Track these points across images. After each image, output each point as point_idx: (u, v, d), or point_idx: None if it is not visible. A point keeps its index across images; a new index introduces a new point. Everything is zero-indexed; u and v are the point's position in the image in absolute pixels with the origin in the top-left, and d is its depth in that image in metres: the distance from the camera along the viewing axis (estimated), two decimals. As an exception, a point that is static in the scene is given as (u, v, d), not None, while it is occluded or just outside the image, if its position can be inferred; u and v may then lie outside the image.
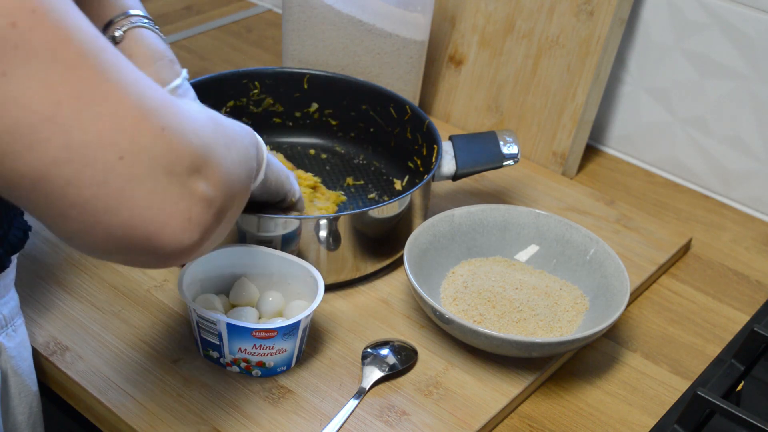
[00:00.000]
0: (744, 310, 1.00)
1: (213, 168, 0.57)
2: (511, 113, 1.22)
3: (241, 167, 0.65)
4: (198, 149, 0.55)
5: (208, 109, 0.64)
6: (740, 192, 1.17)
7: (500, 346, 0.84)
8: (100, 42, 0.52)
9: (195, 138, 0.56)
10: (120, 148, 0.51)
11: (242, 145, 0.67)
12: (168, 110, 0.54)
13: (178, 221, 0.54)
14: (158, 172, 0.52)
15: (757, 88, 1.10)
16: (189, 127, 0.56)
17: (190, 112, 0.58)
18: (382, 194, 1.09)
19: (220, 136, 0.61)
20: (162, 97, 0.55)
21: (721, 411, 0.78)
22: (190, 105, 0.61)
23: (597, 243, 0.95)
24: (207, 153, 0.56)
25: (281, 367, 0.85)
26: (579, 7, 1.13)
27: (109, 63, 0.52)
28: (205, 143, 0.57)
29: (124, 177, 0.51)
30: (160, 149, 0.52)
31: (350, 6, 1.16)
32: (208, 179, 0.56)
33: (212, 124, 0.61)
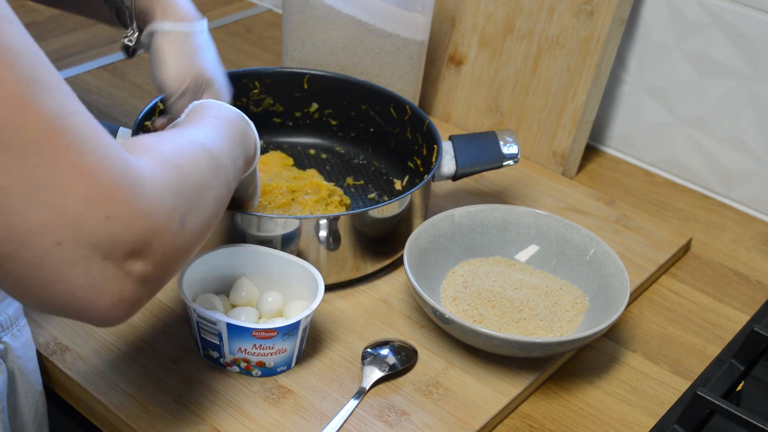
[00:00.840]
0: (744, 310, 1.00)
1: (158, 248, 0.57)
2: (511, 113, 1.22)
3: (209, 215, 0.65)
4: (143, 234, 0.56)
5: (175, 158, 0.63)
6: (740, 192, 1.17)
7: (500, 346, 0.84)
8: (64, 121, 0.52)
9: (143, 223, 0.55)
10: (59, 234, 0.52)
11: (211, 192, 0.66)
12: (120, 195, 0.54)
13: (107, 301, 0.55)
14: (94, 257, 0.53)
15: (757, 88, 1.11)
16: (141, 209, 0.55)
17: (148, 186, 0.57)
18: (382, 194, 1.09)
19: (180, 205, 0.60)
20: (121, 176, 0.54)
21: (721, 411, 0.78)
22: (154, 166, 0.59)
23: (597, 243, 0.95)
24: (153, 236, 0.56)
25: (281, 367, 0.85)
26: (579, 7, 1.13)
27: (68, 145, 0.52)
28: (154, 226, 0.56)
29: (59, 261, 0.52)
30: (101, 237, 0.53)
31: (350, 6, 1.16)
32: (149, 261, 0.57)
33: (170, 192, 0.59)
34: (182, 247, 0.60)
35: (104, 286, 0.55)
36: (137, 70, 1.32)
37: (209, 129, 0.73)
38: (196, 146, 0.67)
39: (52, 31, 1.43)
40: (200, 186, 0.64)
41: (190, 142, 0.67)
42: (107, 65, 1.33)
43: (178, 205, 0.60)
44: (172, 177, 0.60)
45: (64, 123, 0.52)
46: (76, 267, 0.53)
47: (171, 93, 0.88)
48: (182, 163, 0.63)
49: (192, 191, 0.63)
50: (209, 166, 0.67)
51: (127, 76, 1.30)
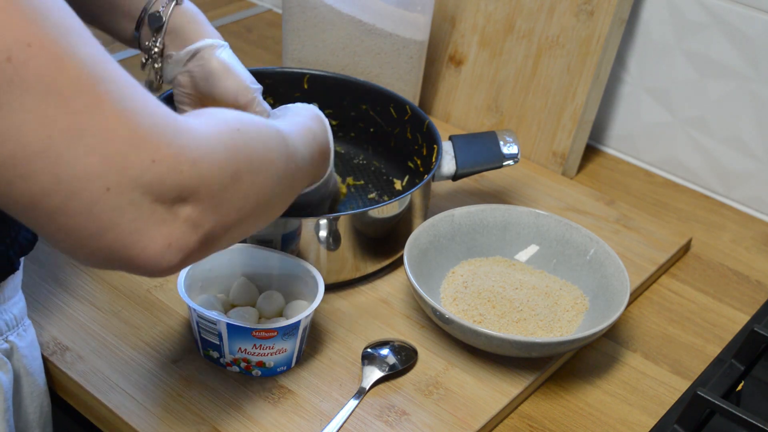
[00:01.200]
0: (744, 310, 1.00)
1: (205, 196, 0.57)
2: (511, 113, 1.22)
3: (268, 186, 0.64)
4: (189, 179, 0.56)
5: (237, 123, 0.63)
6: (740, 192, 1.17)
7: (500, 346, 0.84)
8: (102, 68, 0.52)
9: (189, 168, 0.55)
10: (107, 180, 0.52)
11: (274, 166, 0.65)
12: (165, 138, 0.54)
13: (157, 246, 0.55)
14: (143, 201, 0.53)
15: (757, 88, 1.11)
16: (187, 155, 0.55)
17: (196, 136, 0.57)
18: (382, 194, 1.09)
19: (234, 160, 0.60)
20: (162, 123, 0.55)
21: (721, 411, 0.78)
22: (206, 122, 0.60)
23: (597, 243, 0.95)
24: (200, 183, 0.56)
25: (281, 367, 0.85)
26: (579, 7, 1.13)
27: (107, 91, 0.52)
28: (201, 173, 0.56)
29: (109, 207, 0.52)
30: (148, 180, 0.53)
31: (350, 6, 1.16)
32: (196, 206, 0.57)
33: (225, 147, 0.59)
34: (233, 201, 0.60)
35: (154, 230, 0.55)
36: (137, 70, 1.32)
37: (290, 121, 0.74)
38: (267, 125, 0.67)
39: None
40: (263, 157, 0.63)
41: (263, 121, 0.67)
42: (107, 65, 1.33)
43: (232, 161, 0.59)
44: (228, 135, 0.60)
45: (102, 69, 0.52)
46: (125, 212, 0.53)
47: (248, 101, 0.87)
48: (244, 128, 0.62)
49: (252, 156, 0.62)
50: (278, 146, 0.66)
51: (127, 76, 1.30)
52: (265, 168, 0.64)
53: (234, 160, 0.60)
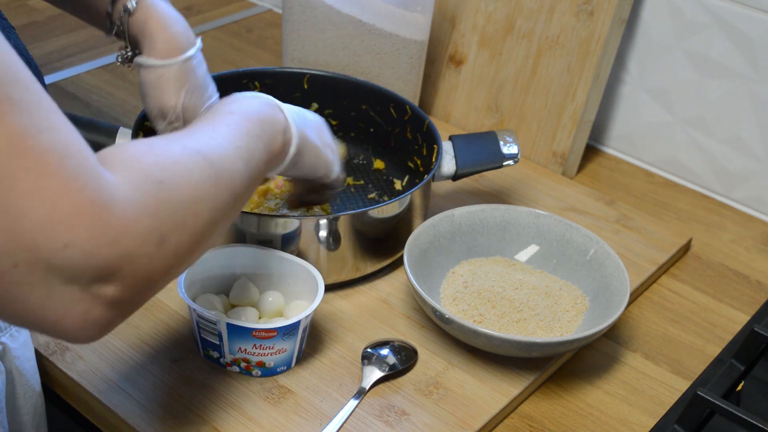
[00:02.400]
0: (744, 310, 1.00)
1: (128, 273, 0.54)
2: (511, 113, 1.22)
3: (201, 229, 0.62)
4: (108, 261, 0.53)
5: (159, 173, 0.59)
6: (740, 192, 1.17)
7: (500, 346, 0.84)
8: (30, 137, 0.50)
9: (109, 249, 0.52)
10: (14, 257, 0.50)
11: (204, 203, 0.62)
12: (85, 218, 0.51)
13: (72, 323, 0.53)
14: (54, 281, 0.51)
15: (757, 88, 1.11)
16: (106, 235, 0.52)
17: (117, 208, 0.53)
18: (382, 194, 1.09)
19: (158, 224, 0.57)
20: (87, 198, 0.51)
21: (721, 411, 0.78)
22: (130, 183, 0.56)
23: (597, 243, 0.95)
24: (122, 262, 0.54)
25: (281, 367, 0.85)
26: (579, 7, 1.13)
27: (27, 164, 0.50)
28: (124, 251, 0.53)
29: (17, 282, 0.50)
30: (59, 264, 0.51)
31: (350, 6, 1.16)
32: (117, 284, 0.54)
33: (148, 211, 0.56)
34: (161, 268, 0.57)
35: (68, 308, 0.52)
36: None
37: (217, 129, 0.70)
38: (190, 155, 0.63)
39: (53, 32, 1.43)
40: (190, 200, 0.60)
41: (184, 150, 0.63)
42: (107, 65, 1.33)
43: (156, 225, 0.56)
44: (150, 195, 0.57)
45: (29, 142, 0.50)
46: (34, 289, 0.51)
47: (156, 125, 0.89)
48: (167, 178, 0.59)
49: (178, 207, 0.59)
50: (204, 176, 0.63)
51: (127, 76, 1.30)
52: (193, 212, 0.61)
53: (158, 224, 0.57)
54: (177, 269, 0.60)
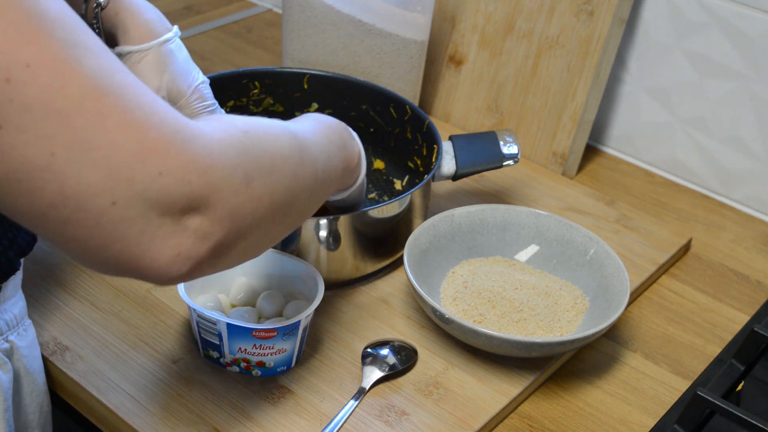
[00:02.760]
0: (744, 310, 1.00)
1: (217, 204, 0.56)
2: (511, 113, 1.22)
3: (284, 186, 0.63)
4: (199, 189, 0.55)
5: (244, 125, 0.61)
6: (740, 192, 1.17)
7: (500, 346, 0.84)
8: (107, 81, 0.52)
9: (198, 178, 0.54)
10: (113, 194, 0.51)
11: (286, 165, 0.64)
12: (173, 149, 0.53)
13: (166, 257, 0.55)
14: (150, 213, 0.53)
15: (757, 88, 1.11)
16: (196, 164, 0.54)
17: (206, 143, 0.56)
18: (382, 194, 1.09)
19: (244, 163, 0.59)
20: (171, 132, 0.54)
21: (721, 411, 0.78)
22: (215, 127, 0.58)
23: (597, 243, 0.95)
24: (210, 191, 0.55)
25: (281, 367, 0.85)
26: (579, 7, 1.13)
27: (112, 104, 0.52)
28: (211, 181, 0.55)
29: (116, 220, 0.52)
30: (155, 193, 0.52)
31: (350, 6, 1.16)
32: (207, 215, 0.56)
33: (235, 151, 0.58)
34: (246, 206, 0.59)
35: (162, 242, 0.54)
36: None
37: (303, 123, 0.73)
38: (277, 125, 0.66)
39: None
40: (273, 155, 0.62)
41: (273, 121, 0.66)
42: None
43: (242, 164, 0.58)
44: (235, 137, 0.59)
45: (108, 82, 0.52)
46: (132, 225, 0.53)
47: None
48: (252, 130, 0.61)
49: (263, 156, 0.61)
50: (290, 145, 0.65)
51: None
52: (278, 168, 0.63)
53: (244, 163, 0.59)
54: (260, 223, 0.61)
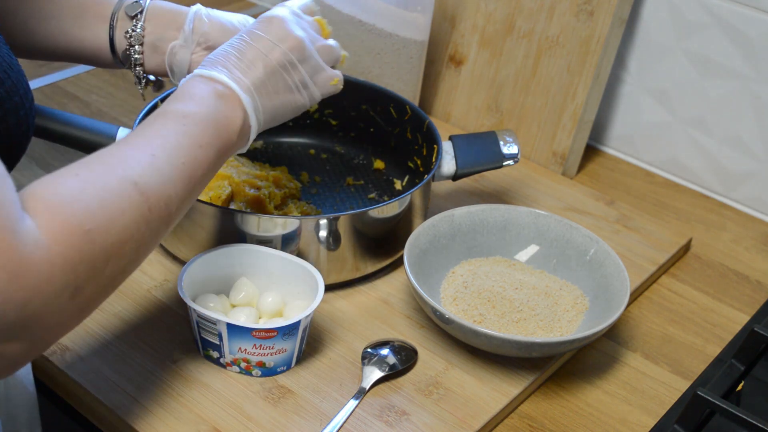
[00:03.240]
0: (744, 310, 1.00)
1: (36, 330, 0.55)
2: (511, 113, 1.22)
3: (121, 270, 0.62)
4: (15, 322, 0.53)
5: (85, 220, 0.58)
6: (740, 192, 1.17)
7: (500, 346, 0.84)
8: None
9: (17, 312, 0.52)
10: None
11: (132, 241, 0.61)
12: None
13: None
14: None
15: (757, 88, 1.10)
16: (14, 299, 0.52)
17: (29, 268, 0.53)
18: (382, 194, 1.09)
19: (74, 278, 0.56)
20: (4, 254, 0.51)
21: (721, 411, 0.78)
22: (53, 235, 0.55)
23: (597, 243, 0.95)
24: (29, 322, 0.54)
25: (281, 367, 0.85)
26: (579, 7, 1.13)
27: None
28: (30, 312, 0.53)
29: None
30: None
31: (350, 6, 1.16)
32: (24, 341, 0.54)
33: (65, 267, 0.55)
34: (71, 315, 0.58)
35: None
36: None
37: (164, 144, 0.68)
38: (123, 189, 0.62)
39: (52, 31, 1.43)
40: (117, 243, 0.60)
41: (120, 182, 0.62)
42: (107, 65, 1.33)
43: (73, 279, 0.56)
44: (73, 247, 0.56)
45: None
46: None
47: None
48: (95, 226, 0.58)
49: (101, 254, 0.59)
50: (137, 213, 0.62)
51: (127, 76, 1.30)
52: (118, 254, 0.60)
53: (75, 277, 0.56)
54: (88, 314, 0.60)
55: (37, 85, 1.26)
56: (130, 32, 0.86)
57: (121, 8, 0.87)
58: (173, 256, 0.98)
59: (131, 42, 0.86)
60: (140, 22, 0.86)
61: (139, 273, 0.95)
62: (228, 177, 1.00)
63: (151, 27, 0.87)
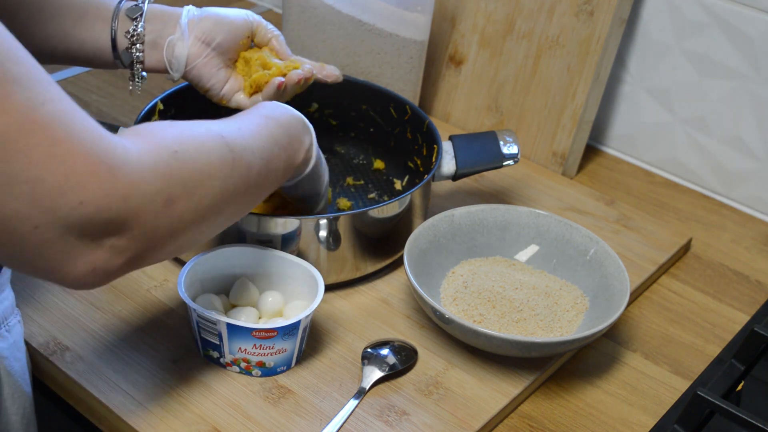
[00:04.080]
0: (744, 310, 1.00)
1: (134, 227, 0.59)
2: (511, 113, 1.22)
3: (209, 203, 0.66)
4: (118, 215, 0.58)
5: (174, 143, 0.64)
6: (740, 192, 1.17)
7: (500, 346, 0.84)
8: (37, 114, 0.54)
9: (119, 205, 0.58)
10: (35, 220, 0.55)
11: (215, 179, 0.67)
12: (95, 178, 0.56)
13: (81, 271, 0.59)
14: (69, 236, 0.57)
15: (757, 88, 1.11)
16: (117, 192, 0.57)
17: (129, 169, 0.58)
18: (382, 194, 1.09)
19: (167, 187, 0.62)
20: (95, 157, 0.56)
21: (721, 411, 0.78)
22: (143, 149, 0.61)
23: (597, 243, 0.95)
24: (129, 216, 0.59)
25: (281, 367, 0.85)
26: (579, 7, 1.13)
27: (37, 136, 0.54)
28: (131, 207, 0.59)
29: (38, 242, 0.56)
30: (75, 219, 0.56)
31: (350, 6, 1.16)
32: (123, 236, 0.59)
33: (159, 174, 0.61)
34: (165, 227, 0.62)
35: (78, 259, 0.58)
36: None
37: (246, 125, 0.74)
38: (210, 136, 0.68)
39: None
40: (202, 173, 0.65)
41: (207, 131, 0.68)
42: (107, 65, 1.33)
43: (165, 187, 0.61)
44: (162, 160, 0.62)
45: (36, 115, 0.54)
46: (52, 246, 0.56)
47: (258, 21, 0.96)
48: (182, 149, 0.64)
49: (189, 176, 0.64)
50: (221, 157, 0.68)
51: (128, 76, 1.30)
52: (205, 184, 0.66)
53: (168, 186, 0.62)
54: (181, 235, 0.64)
55: (37, 85, 1.26)
56: (132, 32, 0.90)
57: (121, 11, 0.91)
58: (173, 256, 0.98)
59: (133, 41, 0.91)
60: (141, 22, 0.90)
61: (139, 273, 0.95)
62: None
63: (150, 26, 0.91)
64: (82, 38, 0.91)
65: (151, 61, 0.92)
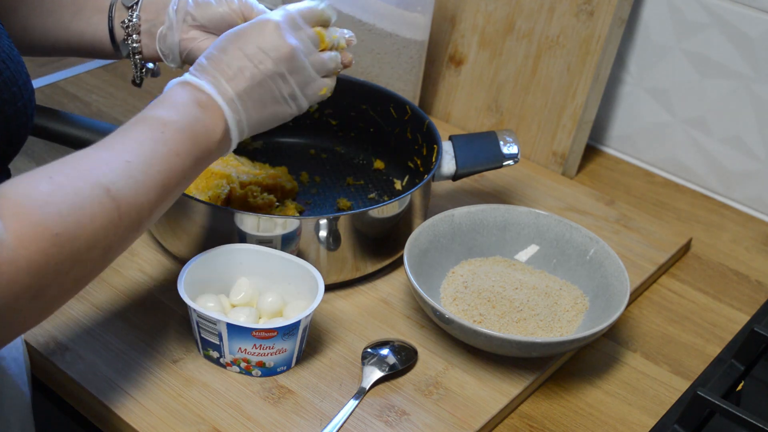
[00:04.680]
0: (744, 310, 1.00)
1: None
2: (511, 113, 1.22)
3: (86, 273, 0.63)
4: None
5: (56, 224, 0.58)
6: (740, 192, 1.17)
7: (500, 346, 0.84)
8: None
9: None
10: None
11: (100, 245, 0.62)
12: None
13: None
14: None
15: (757, 88, 1.11)
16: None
17: (5, 264, 0.55)
18: (382, 194, 1.09)
19: (38, 278, 0.57)
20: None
21: (721, 411, 0.78)
22: (22, 239, 0.56)
23: (597, 243, 0.95)
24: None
25: (281, 367, 0.85)
26: (579, 7, 1.13)
27: None
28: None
29: None
30: None
31: (350, 6, 1.16)
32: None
33: (30, 269, 0.56)
34: (29, 319, 0.59)
35: None
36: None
37: (137, 153, 0.68)
38: (94, 194, 0.62)
39: (52, 31, 1.43)
40: (84, 247, 0.61)
41: (91, 187, 0.62)
42: (107, 65, 1.33)
43: (37, 281, 0.57)
44: (40, 250, 0.57)
45: None
46: None
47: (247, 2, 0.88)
48: (63, 229, 0.59)
49: (67, 258, 0.59)
50: (107, 219, 0.63)
51: (127, 76, 1.30)
52: (85, 258, 0.61)
53: (39, 279, 0.57)
54: (48, 314, 0.61)
55: (37, 85, 1.26)
56: (127, 22, 0.89)
57: (117, 1, 0.90)
58: (173, 256, 0.98)
59: (129, 31, 0.89)
60: (136, 11, 0.89)
61: (139, 273, 0.95)
62: (227, 176, 1.00)
63: (145, 15, 0.89)
64: (81, 30, 0.90)
65: (149, 51, 0.90)
